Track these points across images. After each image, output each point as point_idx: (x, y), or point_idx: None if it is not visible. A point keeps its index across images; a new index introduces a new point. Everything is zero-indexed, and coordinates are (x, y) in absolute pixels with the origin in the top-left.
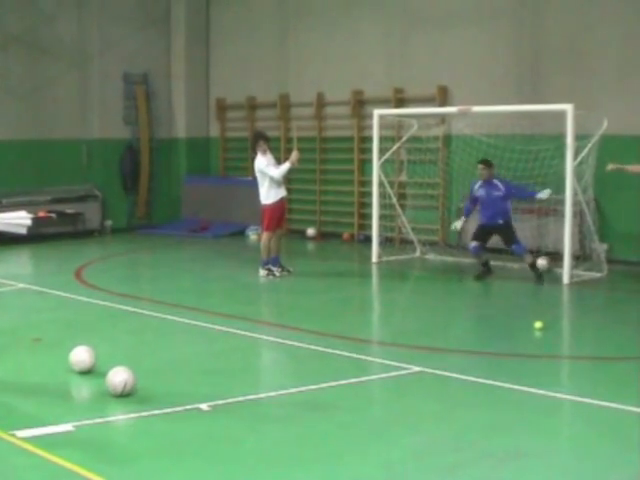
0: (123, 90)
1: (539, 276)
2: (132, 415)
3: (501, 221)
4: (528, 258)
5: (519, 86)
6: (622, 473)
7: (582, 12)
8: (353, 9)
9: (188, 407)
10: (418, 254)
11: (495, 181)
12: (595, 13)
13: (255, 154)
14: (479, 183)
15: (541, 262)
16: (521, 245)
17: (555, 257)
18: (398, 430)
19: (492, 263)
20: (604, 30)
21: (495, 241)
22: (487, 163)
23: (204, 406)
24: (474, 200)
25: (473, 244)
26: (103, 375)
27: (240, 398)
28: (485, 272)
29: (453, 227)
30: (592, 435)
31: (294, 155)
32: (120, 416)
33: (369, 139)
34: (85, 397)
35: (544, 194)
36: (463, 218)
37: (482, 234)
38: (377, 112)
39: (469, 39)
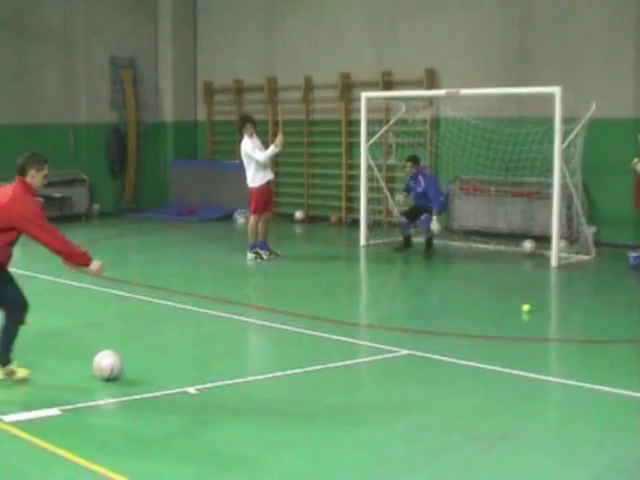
0: (110, 74)
1: (427, 248)
2: (119, 399)
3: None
4: (427, 234)
5: (507, 69)
6: (609, 456)
7: None
8: None
9: (176, 391)
10: None
11: (420, 177)
12: None
13: (242, 137)
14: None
15: (527, 244)
16: (428, 220)
17: (541, 240)
18: (386, 413)
19: (479, 246)
20: (591, 13)
21: (480, 225)
22: (414, 160)
23: (192, 390)
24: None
25: (402, 220)
26: (90, 359)
27: (228, 382)
28: (405, 246)
29: (396, 199)
30: (580, 418)
31: (279, 139)
32: (107, 400)
33: (357, 122)
34: (72, 381)
35: (435, 227)
36: (404, 193)
37: (412, 212)
38: (365, 95)
39: (457, 22)
